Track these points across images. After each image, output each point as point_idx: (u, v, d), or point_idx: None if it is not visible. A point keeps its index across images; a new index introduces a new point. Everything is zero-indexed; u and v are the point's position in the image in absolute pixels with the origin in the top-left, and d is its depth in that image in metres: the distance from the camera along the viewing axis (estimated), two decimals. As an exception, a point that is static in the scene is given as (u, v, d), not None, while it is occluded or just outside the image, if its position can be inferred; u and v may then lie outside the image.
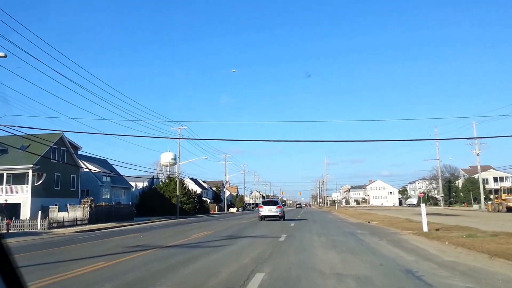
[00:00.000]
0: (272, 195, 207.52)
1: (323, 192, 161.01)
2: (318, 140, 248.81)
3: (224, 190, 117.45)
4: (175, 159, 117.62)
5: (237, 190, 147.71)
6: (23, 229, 33.68)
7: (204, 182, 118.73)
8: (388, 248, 15.22)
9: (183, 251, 14.11)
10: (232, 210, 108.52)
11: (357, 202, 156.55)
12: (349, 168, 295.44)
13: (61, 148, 46.81)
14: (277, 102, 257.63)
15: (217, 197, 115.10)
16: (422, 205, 23.18)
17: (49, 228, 33.70)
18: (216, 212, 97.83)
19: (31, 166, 40.51)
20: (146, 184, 78.55)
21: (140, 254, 13.34)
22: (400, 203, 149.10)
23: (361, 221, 37.21)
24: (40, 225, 33.82)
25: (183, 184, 76.80)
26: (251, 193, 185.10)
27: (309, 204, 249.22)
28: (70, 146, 48.56)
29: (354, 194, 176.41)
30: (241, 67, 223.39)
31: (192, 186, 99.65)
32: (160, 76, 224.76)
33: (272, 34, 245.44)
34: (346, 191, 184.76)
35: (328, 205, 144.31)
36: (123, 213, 48.10)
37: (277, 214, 38.86)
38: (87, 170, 53.53)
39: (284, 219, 38.91)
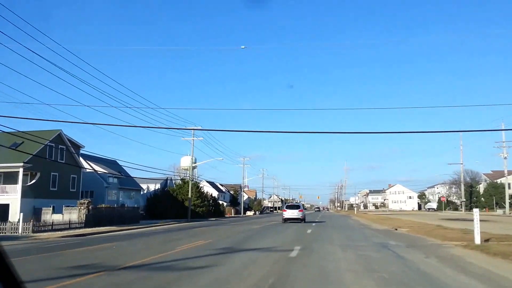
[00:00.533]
0: (291, 199, 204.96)
1: (342, 196, 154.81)
2: (336, 131, 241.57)
3: (242, 193, 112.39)
4: (195, 162, 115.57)
5: (255, 194, 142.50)
6: (4, 233, 29.00)
7: (222, 185, 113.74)
8: (447, 272, 9.79)
9: (135, 279, 8.91)
10: (249, 213, 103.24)
11: (376, 206, 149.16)
12: (367, 174, 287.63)
13: (60, 146, 42.24)
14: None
15: (234, 201, 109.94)
16: (476, 210, 17.49)
17: (34, 231, 28.94)
18: (232, 215, 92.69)
19: (22, 164, 35.88)
20: (159, 186, 73.87)
21: (68, 283, 8.21)
22: (419, 207, 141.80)
23: (387, 227, 31.63)
24: (23, 228, 29.04)
25: (198, 186, 71.99)
26: (270, 197, 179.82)
27: (327, 208, 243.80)
28: (70, 145, 43.96)
29: (373, 199, 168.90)
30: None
31: (208, 189, 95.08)
32: (180, 79, 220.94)
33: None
34: (365, 195, 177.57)
35: (346, 209, 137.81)
36: (127, 216, 43.28)
37: (299, 217, 39.91)
38: (91, 170, 48.90)
39: (305, 221, 39.93)
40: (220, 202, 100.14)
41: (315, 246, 15.84)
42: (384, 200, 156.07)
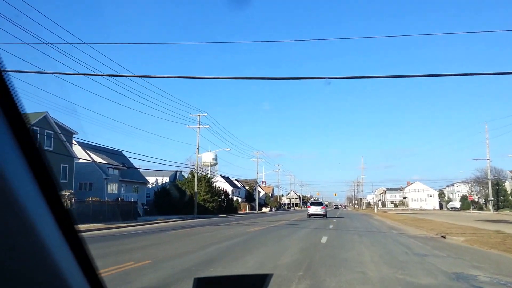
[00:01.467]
0: (308, 196, 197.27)
1: (359, 194, 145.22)
2: (343, 77, 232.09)
3: (258, 189, 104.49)
4: (216, 159, 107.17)
5: (272, 190, 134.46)
6: None
7: (237, 180, 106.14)
8: None
9: None
10: (265, 210, 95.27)
11: (395, 205, 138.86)
12: (383, 171, 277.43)
13: (46, 131, 35.25)
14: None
15: (249, 196, 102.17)
16: None
17: None
18: (247, 211, 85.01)
19: None
20: (167, 180, 66.66)
21: None
22: (441, 206, 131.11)
23: (426, 232, 23.29)
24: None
25: (208, 180, 64.47)
26: (288, 194, 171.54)
27: (344, 206, 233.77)
28: (59, 130, 36.96)
29: (391, 196, 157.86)
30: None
31: (222, 185, 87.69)
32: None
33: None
34: (382, 193, 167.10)
35: (364, 207, 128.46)
36: (121, 211, 35.94)
37: (322, 213, 43.15)
38: (85, 160, 41.83)
39: (327, 217, 43.55)
40: (235, 198, 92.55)
41: (329, 275, 8.06)
42: (403, 198, 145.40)
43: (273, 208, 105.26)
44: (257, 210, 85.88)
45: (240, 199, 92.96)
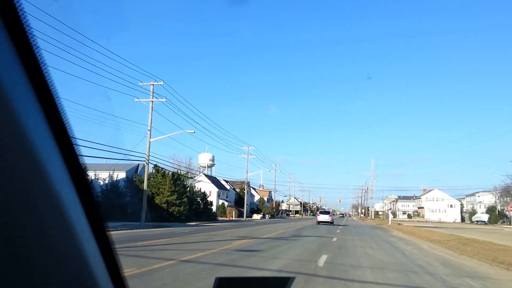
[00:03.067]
0: (311, 202, 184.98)
1: (366, 201, 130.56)
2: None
3: (249, 191, 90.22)
4: (213, 160, 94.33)
5: (269, 194, 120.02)
6: None
7: (227, 181, 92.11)
8: None
9: None
10: (256, 217, 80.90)
11: (408, 215, 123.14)
12: (394, 179, 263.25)
13: None
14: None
15: (240, 200, 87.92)
16: None
17: None
18: (233, 218, 70.82)
19: None
20: (124, 175, 52.56)
21: None
22: (462, 219, 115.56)
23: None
24: None
25: (177, 178, 50.37)
26: (289, 199, 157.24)
27: (349, 214, 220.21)
28: None
29: (403, 206, 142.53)
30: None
31: (205, 186, 73.79)
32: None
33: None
34: (393, 201, 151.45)
35: (372, 216, 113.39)
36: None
37: (329, 220, 49.74)
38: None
39: (333, 224, 48.44)
40: (220, 201, 78.41)
41: None
42: (418, 208, 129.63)
43: (267, 215, 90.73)
44: (245, 216, 71.37)
45: (227, 203, 78.82)
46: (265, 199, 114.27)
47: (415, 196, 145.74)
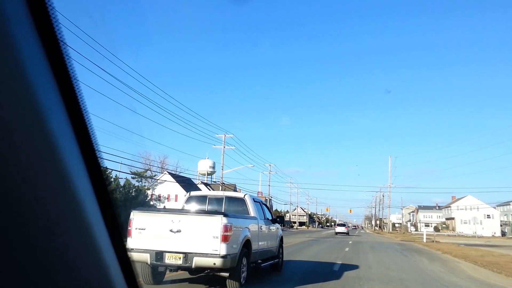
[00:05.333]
0: (320, 213, 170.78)
1: (382, 211, 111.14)
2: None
3: (227, 194, 71.40)
4: (214, 167, 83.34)
5: (268, 202, 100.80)
6: None
7: (207, 184, 73.94)
8: None
9: None
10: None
11: (435, 228, 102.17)
12: (410, 191, 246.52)
13: None
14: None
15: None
16: None
17: None
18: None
19: None
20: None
21: None
22: (503, 233, 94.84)
23: None
24: None
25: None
26: (295, 209, 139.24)
27: (362, 227, 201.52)
28: None
29: (425, 217, 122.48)
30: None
31: (168, 189, 56.23)
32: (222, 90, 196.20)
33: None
34: (412, 212, 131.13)
35: (390, 229, 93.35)
36: None
37: (346, 231, 61.03)
38: None
39: (348, 234, 57.72)
40: (191, 208, 60.02)
41: None
42: (447, 219, 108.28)
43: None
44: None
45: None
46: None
47: (438, 207, 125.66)
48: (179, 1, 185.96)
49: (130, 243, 7.95)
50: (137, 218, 8.18)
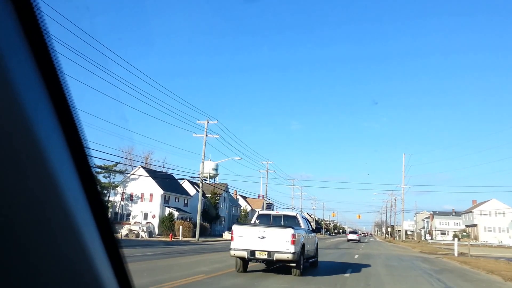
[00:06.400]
0: (329, 220, 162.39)
1: (395, 216, 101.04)
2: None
3: (227, 198, 62.43)
4: (217, 169, 78.86)
5: (264, 204, 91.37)
6: None
7: (193, 183, 64.83)
8: None
9: None
10: (228, 236, 52.29)
11: (456, 236, 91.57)
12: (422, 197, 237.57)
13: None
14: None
15: (209, 211, 60.19)
16: None
17: None
18: (180, 238, 43.03)
19: None
20: None
21: None
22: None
23: None
24: None
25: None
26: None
27: (371, 234, 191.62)
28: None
29: (441, 224, 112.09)
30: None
31: (146, 186, 47.62)
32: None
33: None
34: (427, 219, 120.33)
35: (403, 237, 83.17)
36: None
37: (357, 239, 64.07)
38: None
39: (360, 242, 63.11)
40: (169, 210, 50.95)
41: None
42: (467, 226, 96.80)
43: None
44: (197, 236, 42.78)
45: (178, 214, 51.05)
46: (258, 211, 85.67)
47: (454, 212, 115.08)
48: (186, 1, 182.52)
49: (233, 245, 13.03)
50: (236, 229, 13.34)
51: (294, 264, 12.95)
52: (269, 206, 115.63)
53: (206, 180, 79.16)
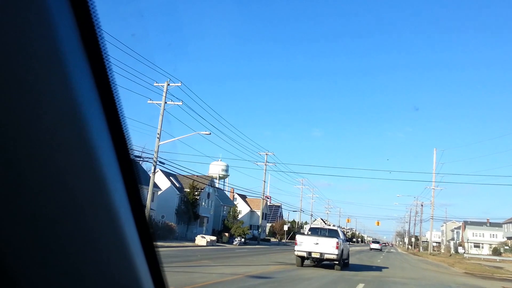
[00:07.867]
0: (346, 228, 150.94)
1: (417, 226, 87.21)
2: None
3: (213, 194, 50.21)
4: (227, 170, 76.92)
5: (265, 206, 78.79)
6: None
7: (169, 175, 52.55)
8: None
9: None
10: (200, 241, 39.50)
11: (495, 250, 75.31)
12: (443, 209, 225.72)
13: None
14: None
15: (185, 208, 47.99)
16: None
17: None
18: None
19: None
20: None
21: None
22: None
23: None
24: None
25: None
26: (315, 220, 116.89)
27: (392, 244, 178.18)
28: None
29: (474, 235, 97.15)
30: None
31: None
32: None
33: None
34: (457, 228, 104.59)
35: (430, 250, 69.14)
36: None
37: (379, 248, 72.12)
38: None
39: (381, 251, 68.61)
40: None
41: None
42: (508, 239, 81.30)
43: (238, 238, 49.04)
44: (156, 239, 30.62)
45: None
46: (258, 213, 72.90)
47: (489, 222, 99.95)
48: (215, 8, 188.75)
49: (297, 248, 20.48)
50: (299, 237, 20.88)
51: (337, 262, 20.42)
52: (277, 208, 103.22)
53: (215, 180, 69.01)
